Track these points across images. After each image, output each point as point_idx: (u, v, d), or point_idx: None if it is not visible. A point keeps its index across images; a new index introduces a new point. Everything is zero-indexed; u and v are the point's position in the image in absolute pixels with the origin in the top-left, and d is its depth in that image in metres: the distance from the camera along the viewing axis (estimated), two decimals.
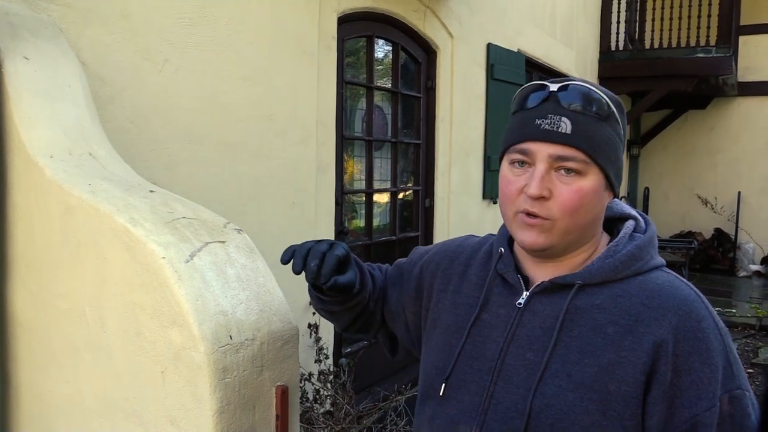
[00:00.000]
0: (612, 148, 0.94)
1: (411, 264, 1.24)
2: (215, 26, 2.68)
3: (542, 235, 0.95)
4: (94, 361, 1.47)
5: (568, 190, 0.92)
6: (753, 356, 5.66)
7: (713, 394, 0.87)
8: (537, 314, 0.97)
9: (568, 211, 0.92)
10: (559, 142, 0.92)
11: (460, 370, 1.02)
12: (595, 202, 0.95)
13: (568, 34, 6.91)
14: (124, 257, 1.35)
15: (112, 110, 2.28)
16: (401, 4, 3.98)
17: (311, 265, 1.01)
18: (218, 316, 1.24)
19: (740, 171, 9.61)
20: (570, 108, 0.93)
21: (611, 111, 0.95)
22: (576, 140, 0.92)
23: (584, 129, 0.92)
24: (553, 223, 0.93)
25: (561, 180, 0.93)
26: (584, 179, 0.93)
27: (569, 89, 0.94)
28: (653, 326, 0.89)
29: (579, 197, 0.92)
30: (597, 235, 1.01)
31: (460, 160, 4.84)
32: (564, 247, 0.97)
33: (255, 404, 1.28)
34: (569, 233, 0.95)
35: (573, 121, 0.92)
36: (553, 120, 0.93)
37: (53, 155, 1.62)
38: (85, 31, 2.18)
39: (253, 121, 2.91)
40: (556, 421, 0.89)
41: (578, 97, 0.94)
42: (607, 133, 0.94)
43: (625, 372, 0.88)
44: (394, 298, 1.23)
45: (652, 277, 0.96)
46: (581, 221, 0.94)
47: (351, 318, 1.21)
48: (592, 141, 0.92)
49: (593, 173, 0.93)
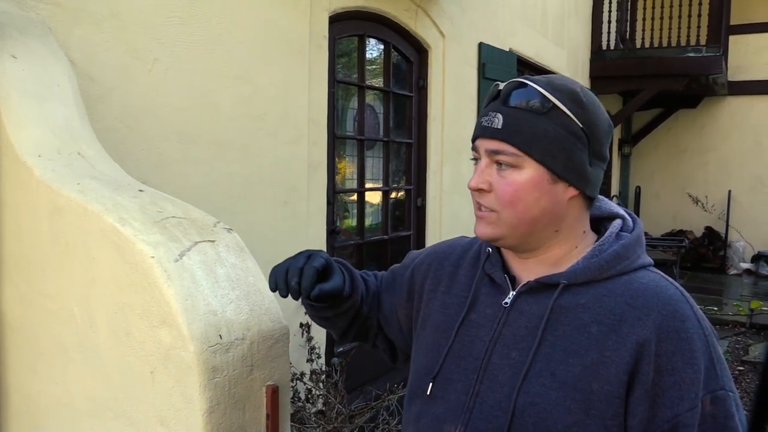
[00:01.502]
0: (554, 141, 0.94)
1: (404, 268, 1.25)
2: (206, 25, 2.67)
3: (489, 227, 0.99)
4: (84, 361, 1.46)
5: (503, 182, 0.96)
6: (743, 354, 5.69)
7: (695, 395, 0.87)
8: (523, 313, 0.98)
9: (506, 202, 0.96)
10: (491, 137, 0.97)
11: (447, 370, 1.02)
12: (537, 195, 0.96)
13: (559, 34, 6.93)
14: (113, 257, 1.35)
15: (101, 109, 2.26)
16: (392, 4, 3.98)
17: (292, 284, 1.04)
18: (208, 316, 1.24)
19: (730, 170, 9.67)
20: (507, 104, 0.97)
21: (552, 105, 0.94)
22: (506, 134, 0.95)
23: (516, 123, 0.95)
24: (498, 215, 0.97)
25: (499, 173, 0.97)
26: (519, 172, 0.95)
27: (510, 86, 0.98)
28: (637, 326, 0.90)
29: (513, 189, 0.95)
30: (568, 230, 1.00)
31: (452, 159, 4.84)
32: (521, 240, 0.99)
33: (245, 404, 1.28)
34: (516, 225, 0.97)
35: (505, 116, 0.96)
36: (490, 117, 0.98)
37: (42, 155, 1.61)
38: (75, 29, 2.17)
39: (244, 120, 2.90)
40: (540, 420, 0.90)
41: (516, 94, 0.97)
42: (544, 127, 0.94)
43: (608, 371, 0.89)
44: (388, 301, 1.24)
45: (637, 276, 0.96)
46: (525, 214, 0.96)
47: (346, 323, 1.22)
48: (524, 135, 0.94)
49: (530, 166, 0.95)
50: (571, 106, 0.95)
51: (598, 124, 0.97)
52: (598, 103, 0.99)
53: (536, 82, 0.96)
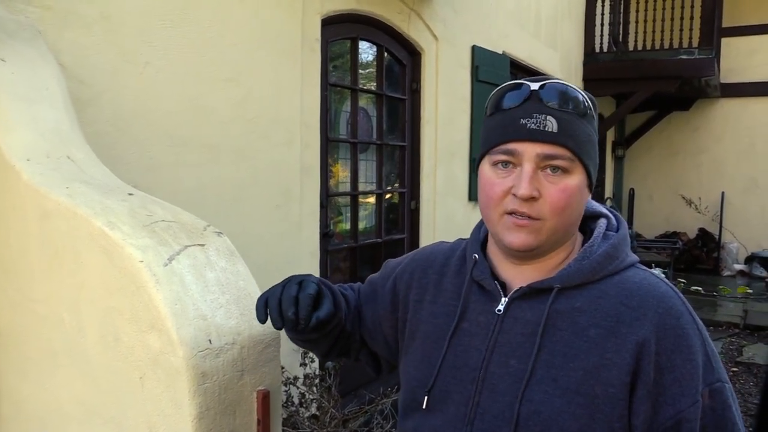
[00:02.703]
0: (592, 145, 0.95)
1: (384, 278, 1.21)
2: (197, 28, 2.66)
3: (531, 236, 0.94)
4: (73, 366, 1.45)
5: (556, 189, 0.92)
6: (737, 355, 5.70)
7: (695, 390, 0.87)
8: (517, 320, 0.96)
9: (558, 210, 0.92)
10: (547, 141, 0.92)
11: (442, 381, 1.00)
12: (580, 199, 0.96)
13: (552, 36, 6.94)
14: (101, 261, 1.33)
15: (92, 113, 2.25)
16: (385, 6, 3.97)
17: (289, 315, 0.99)
18: (197, 320, 1.23)
19: (723, 171, 9.70)
20: (553, 106, 0.92)
21: (588, 108, 0.95)
22: (563, 138, 0.92)
23: (568, 127, 0.92)
24: (543, 224, 0.93)
25: (548, 179, 0.92)
26: (570, 177, 0.93)
27: (549, 87, 0.94)
28: (635, 326, 0.90)
29: (567, 196, 0.92)
30: (575, 234, 1.01)
31: (446, 162, 4.84)
32: (549, 246, 0.97)
33: (236, 409, 1.27)
34: (557, 232, 0.95)
35: (558, 120, 0.92)
36: (538, 119, 0.92)
37: (30, 158, 1.60)
38: (65, 33, 2.16)
39: (236, 123, 2.89)
40: (545, 428, 0.89)
41: (559, 95, 0.93)
42: (587, 130, 0.95)
43: (609, 374, 0.88)
44: (369, 315, 1.20)
45: (628, 275, 0.96)
46: (568, 220, 0.95)
47: (329, 343, 1.18)
48: (577, 139, 0.93)
49: (578, 171, 0.94)
50: (595, 112, 0.97)
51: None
52: None
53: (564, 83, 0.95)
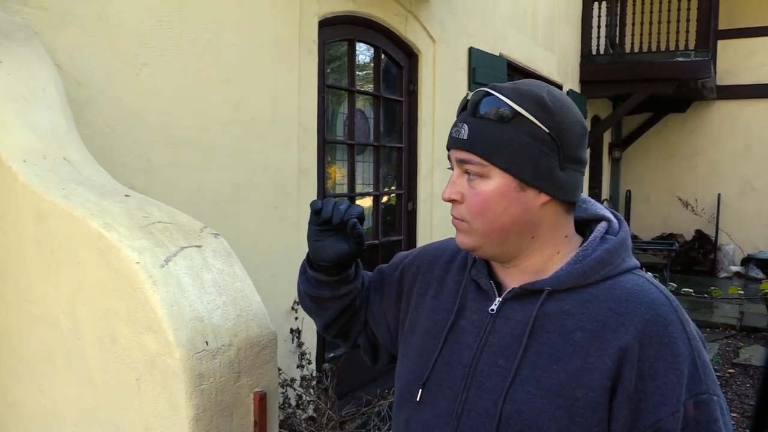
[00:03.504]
0: (518, 149, 0.94)
1: (392, 268, 1.24)
2: (194, 29, 2.66)
3: (465, 236, 1.01)
4: (69, 368, 1.44)
5: (472, 193, 0.97)
6: (734, 356, 5.72)
7: (677, 399, 0.86)
8: (508, 320, 0.98)
9: (475, 213, 0.97)
10: (458, 148, 0.99)
11: (436, 376, 1.02)
12: (505, 204, 0.95)
13: (549, 38, 6.95)
14: (98, 262, 1.33)
15: (88, 114, 2.25)
16: (382, 8, 3.98)
17: (340, 207, 1.10)
18: (194, 322, 1.22)
19: (720, 173, 9.73)
20: (473, 114, 0.97)
21: (515, 113, 0.94)
22: (470, 144, 0.96)
23: (480, 133, 0.95)
24: (470, 225, 0.99)
25: (469, 184, 0.98)
26: (486, 182, 0.96)
27: (475, 97, 0.98)
28: (619, 331, 0.89)
29: (481, 200, 0.96)
30: (546, 236, 0.99)
31: (443, 164, 4.84)
32: (498, 249, 0.99)
33: (232, 411, 1.26)
34: (487, 234, 0.97)
35: (470, 127, 0.97)
36: (458, 127, 0.99)
37: (26, 159, 1.59)
38: (61, 34, 2.16)
39: (233, 124, 2.89)
40: (525, 427, 0.90)
41: (476, 103, 0.98)
42: (509, 135, 0.94)
43: (591, 378, 0.88)
44: (377, 302, 1.23)
45: (621, 281, 0.95)
46: (494, 223, 0.96)
47: (337, 310, 1.21)
48: (487, 144, 0.95)
49: (496, 176, 0.95)
50: (537, 113, 0.94)
51: (569, 128, 0.95)
52: (569, 106, 0.97)
53: (501, 90, 0.96)
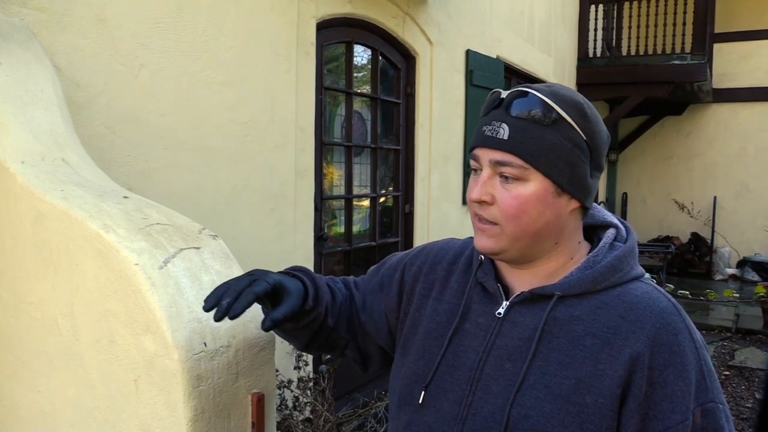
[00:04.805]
0: (560, 154, 0.93)
1: (391, 269, 1.22)
2: (192, 31, 2.66)
3: (491, 240, 0.97)
4: (67, 369, 1.45)
5: (508, 195, 0.94)
6: (729, 359, 5.73)
7: (686, 408, 0.87)
8: (516, 324, 0.97)
9: (510, 216, 0.94)
10: (497, 148, 0.94)
11: (440, 379, 1.01)
12: (541, 208, 0.94)
13: (546, 41, 6.97)
14: (96, 264, 1.33)
15: (87, 115, 2.25)
16: (380, 11, 3.98)
17: (223, 304, 0.96)
18: (192, 323, 1.23)
19: (716, 176, 9.76)
20: (513, 114, 0.94)
21: (558, 116, 0.93)
22: (512, 146, 0.93)
23: (522, 135, 0.93)
24: (501, 228, 0.95)
25: (503, 186, 0.94)
26: (524, 185, 0.93)
27: (513, 95, 0.95)
28: (630, 339, 0.90)
29: (518, 203, 0.93)
30: (567, 242, 1.00)
31: (440, 166, 4.85)
32: (522, 253, 0.98)
33: (230, 412, 1.27)
34: (518, 239, 0.95)
35: (512, 127, 0.93)
36: (494, 126, 0.95)
37: (25, 161, 1.59)
38: (60, 35, 2.16)
39: (231, 126, 2.89)
40: None
41: (521, 104, 0.94)
42: (551, 138, 0.92)
43: (601, 385, 0.88)
44: (377, 307, 1.20)
45: (631, 288, 0.95)
46: (528, 227, 0.95)
47: (307, 337, 1.17)
48: (530, 147, 0.92)
49: (535, 179, 0.93)
50: (577, 118, 0.94)
51: (600, 137, 0.96)
52: (599, 115, 0.98)
53: (540, 91, 0.94)
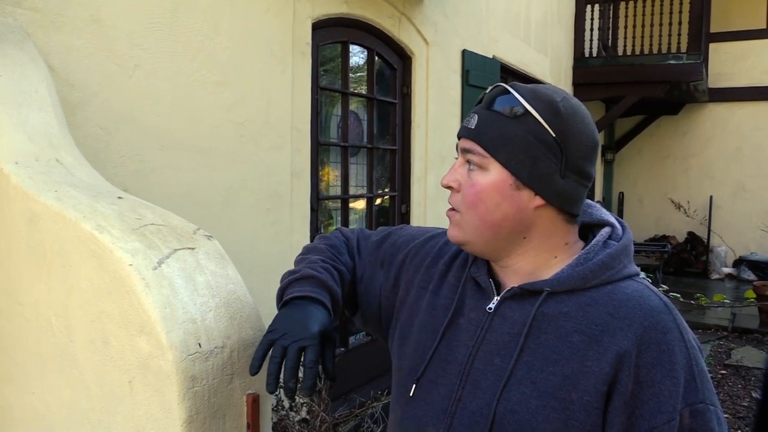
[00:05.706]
0: (520, 146, 0.93)
1: (396, 248, 1.22)
2: (188, 31, 2.66)
3: (455, 228, 1.01)
4: (61, 371, 1.44)
5: (468, 183, 0.98)
6: (726, 358, 5.74)
7: (673, 408, 0.86)
8: (506, 319, 0.97)
9: (468, 203, 0.97)
10: (465, 136, 0.99)
11: (431, 372, 1.02)
12: (498, 199, 0.95)
13: (542, 41, 6.98)
14: (90, 265, 1.33)
15: (81, 116, 2.24)
16: (376, 11, 3.98)
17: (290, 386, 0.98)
18: (187, 324, 1.22)
19: (712, 175, 9.79)
20: (484, 106, 0.98)
21: (525, 111, 0.94)
22: (476, 134, 0.97)
23: (487, 125, 0.96)
24: (461, 216, 0.99)
25: (469, 174, 0.98)
26: (484, 174, 0.96)
27: (492, 90, 0.99)
28: (618, 337, 0.89)
29: (475, 191, 0.96)
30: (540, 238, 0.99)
31: (436, 166, 4.85)
32: (487, 246, 0.99)
33: (225, 413, 1.26)
34: (478, 228, 0.97)
35: (480, 118, 0.97)
36: (469, 118, 1.00)
37: (19, 162, 1.59)
38: (54, 35, 2.15)
39: (227, 126, 2.89)
40: (519, 428, 0.90)
41: (492, 96, 0.98)
42: (514, 130, 0.94)
43: (587, 382, 0.88)
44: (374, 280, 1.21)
45: (622, 286, 0.95)
46: (485, 217, 0.96)
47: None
48: (492, 136, 0.95)
49: (494, 169, 0.95)
50: (546, 115, 0.93)
51: (577, 137, 0.95)
52: (582, 117, 0.96)
53: (516, 88, 0.96)
